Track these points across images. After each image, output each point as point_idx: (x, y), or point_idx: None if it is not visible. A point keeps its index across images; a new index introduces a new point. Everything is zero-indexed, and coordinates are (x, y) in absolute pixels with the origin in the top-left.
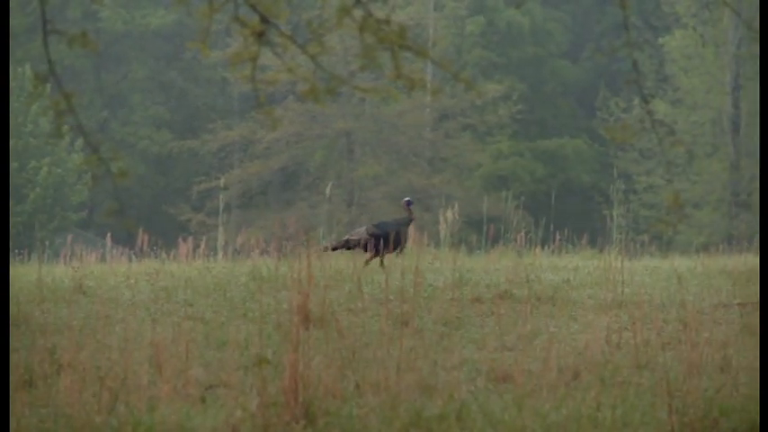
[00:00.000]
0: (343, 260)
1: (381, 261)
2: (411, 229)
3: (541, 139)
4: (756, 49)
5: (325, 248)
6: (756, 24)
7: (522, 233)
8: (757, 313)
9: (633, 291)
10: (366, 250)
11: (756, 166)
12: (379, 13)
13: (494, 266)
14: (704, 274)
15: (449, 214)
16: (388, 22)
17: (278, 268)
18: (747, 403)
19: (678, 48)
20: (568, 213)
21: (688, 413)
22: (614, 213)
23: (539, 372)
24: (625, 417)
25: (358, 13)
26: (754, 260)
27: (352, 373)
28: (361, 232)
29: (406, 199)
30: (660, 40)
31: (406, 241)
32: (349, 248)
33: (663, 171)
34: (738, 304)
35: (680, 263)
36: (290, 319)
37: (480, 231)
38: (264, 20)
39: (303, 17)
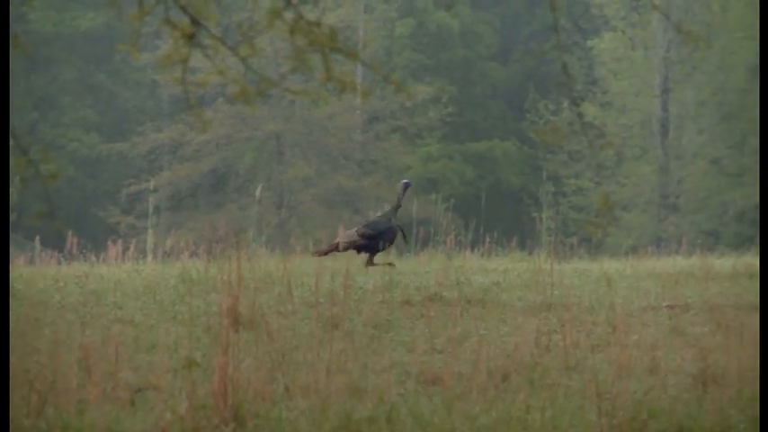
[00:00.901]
0: (272, 263)
1: (370, 260)
2: (341, 232)
3: (471, 141)
4: (685, 52)
5: (316, 253)
6: (685, 27)
7: (452, 236)
8: (685, 315)
9: (562, 293)
10: (359, 252)
11: (684, 169)
12: (310, 15)
13: (423, 269)
14: (633, 277)
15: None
16: (318, 24)
17: (207, 271)
18: (676, 405)
19: (607, 50)
20: (498, 216)
21: (617, 415)
22: (543, 216)
23: (468, 374)
24: (554, 419)
25: (288, 15)
26: (682, 262)
27: (282, 375)
28: (351, 234)
29: (405, 181)
30: (589, 43)
31: (404, 233)
32: (340, 251)
33: (592, 173)
34: (667, 306)
35: (609, 265)
36: (220, 321)
37: (410, 234)
38: (195, 22)
39: (233, 19)
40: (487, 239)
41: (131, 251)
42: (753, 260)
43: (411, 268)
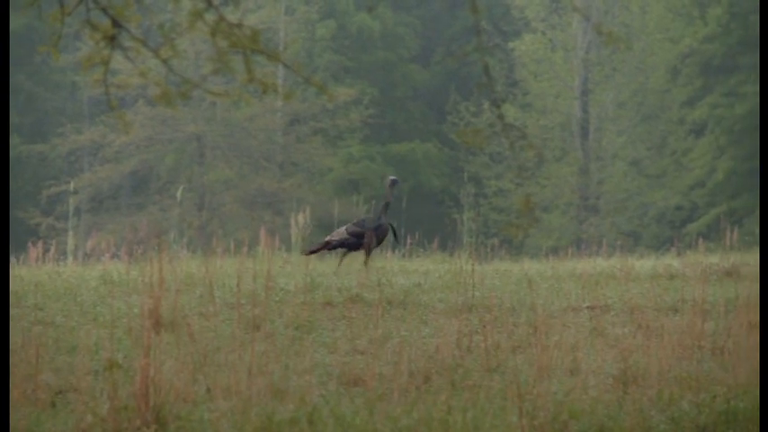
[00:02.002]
0: (194, 265)
1: (367, 258)
2: (262, 234)
3: (392, 143)
4: (605, 53)
5: (305, 252)
6: (605, 29)
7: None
8: (606, 316)
9: (484, 294)
10: (350, 250)
11: (604, 170)
12: (231, 17)
13: (345, 270)
14: (554, 278)
15: (300, 218)
16: (239, 26)
17: (129, 272)
18: (596, 405)
19: (527, 52)
20: (419, 217)
21: (538, 416)
22: (465, 217)
23: (390, 375)
24: (476, 420)
25: (210, 17)
26: (602, 263)
27: (204, 377)
28: (341, 232)
29: (392, 177)
30: (510, 45)
31: (395, 231)
32: (330, 250)
33: (513, 175)
34: (587, 307)
35: (530, 266)
36: (141, 323)
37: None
38: (116, 24)
39: (155, 21)
40: (408, 241)
41: (52, 253)
42: (672, 261)
43: (332, 269)
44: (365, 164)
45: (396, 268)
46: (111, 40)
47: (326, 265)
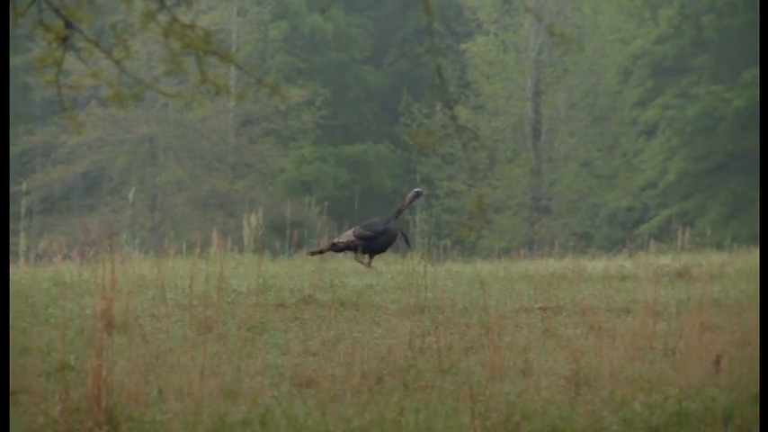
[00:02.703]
0: (146, 266)
1: (369, 261)
2: (214, 235)
3: (345, 144)
4: (556, 54)
5: (311, 252)
6: (557, 30)
7: (326, 238)
8: (558, 317)
9: (436, 295)
10: (356, 252)
11: (556, 171)
12: (184, 17)
13: (297, 271)
14: (506, 279)
15: (252, 219)
16: (192, 26)
17: (81, 274)
18: (548, 406)
19: (480, 53)
20: (372, 218)
21: (490, 417)
22: (417, 218)
23: (342, 376)
24: (428, 421)
25: (162, 18)
26: (554, 264)
27: (156, 378)
28: (348, 235)
29: (416, 190)
30: (462, 46)
31: (405, 236)
32: (337, 252)
33: (465, 176)
34: (539, 308)
35: (482, 267)
36: (94, 324)
37: (284, 236)
38: (69, 25)
39: (107, 22)
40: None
41: None
42: (624, 262)
43: (285, 270)
44: (317, 165)
45: (348, 269)
46: (64, 41)
47: (279, 266)
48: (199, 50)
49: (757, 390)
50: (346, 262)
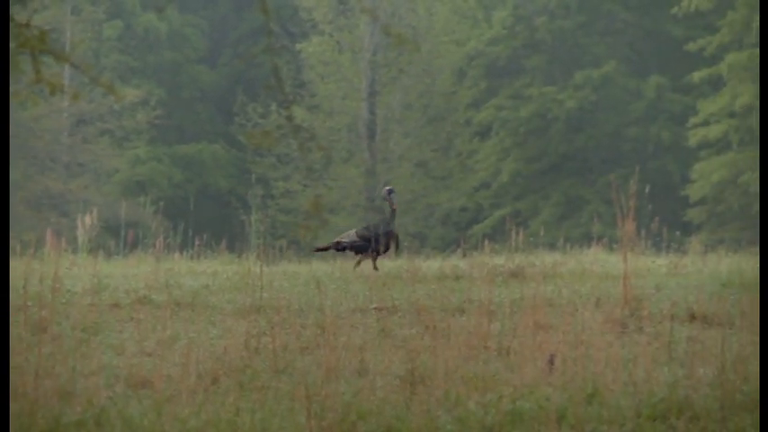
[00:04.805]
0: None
1: (374, 263)
2: (48, 235)
3: (179, 144)
4: (392, 55)
5: (317, 249)
6: (393, 30)
7: (161, 238)
8: (393, 317)
9: (272, 295)
10: (357, 253)
11: (391, 172)
12: (19, 17)
13: (132, 272)
14: (341, 279)
15: (87, 219)
16: (28, 25)
17: None
18: (384, 406)
19: (315, 54)
20: (207, 218)
21: (326, 417)
22: (252, 219)
23: (178, 377)
24: (264, 421)
25: None
26: (389, 264)
27: None
28: (351, 235)
29: (387, 188)
30: (298, 47)
31: (397, 240)
32: (339, 251)
33: (301, 176)
34: (375, 308)
35: (318, 267)
36: None
37: (119, 237)
38: None
39: None
40: (196, 242)
41: None
42: (458, 262)
43: (120, 271)
44: (152, 165)
45: (184, 269)
46: None
47: (113, 266)
48: (34, 49)
49: (591, 390)
50: (182, 262)
